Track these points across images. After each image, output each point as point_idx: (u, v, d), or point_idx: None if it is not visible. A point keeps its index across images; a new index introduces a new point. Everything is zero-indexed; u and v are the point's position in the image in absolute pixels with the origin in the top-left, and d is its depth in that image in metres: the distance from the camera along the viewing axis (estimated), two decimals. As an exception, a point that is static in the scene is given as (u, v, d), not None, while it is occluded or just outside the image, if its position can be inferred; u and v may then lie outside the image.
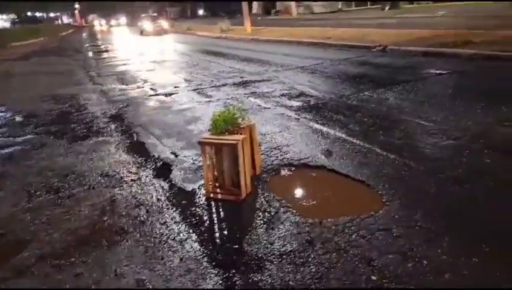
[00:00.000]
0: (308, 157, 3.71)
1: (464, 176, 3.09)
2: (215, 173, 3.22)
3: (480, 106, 4.68)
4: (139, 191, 3.38)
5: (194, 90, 7.55)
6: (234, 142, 2.98)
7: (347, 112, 5.06)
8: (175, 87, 7.99)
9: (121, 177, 3.71)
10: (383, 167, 3.36)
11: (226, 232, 2.66)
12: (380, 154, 3.61)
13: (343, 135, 4.21)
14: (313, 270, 2.16)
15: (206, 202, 3.07)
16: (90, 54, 17.55)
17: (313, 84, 6.96)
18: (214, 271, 2.24)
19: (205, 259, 2.36)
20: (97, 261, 2.44)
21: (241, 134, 3.15)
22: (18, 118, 6.52)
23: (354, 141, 4.02)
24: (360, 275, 2.09)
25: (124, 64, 12.45)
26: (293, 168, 3.55)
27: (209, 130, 3.30)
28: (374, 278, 2.06)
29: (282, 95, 6.34)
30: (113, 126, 5.55)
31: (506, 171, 3.10)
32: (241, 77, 8.41)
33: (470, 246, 2.26)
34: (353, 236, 2.44)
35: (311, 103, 5.70)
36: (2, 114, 6.93)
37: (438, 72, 6.93)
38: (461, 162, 3.32)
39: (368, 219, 2.60)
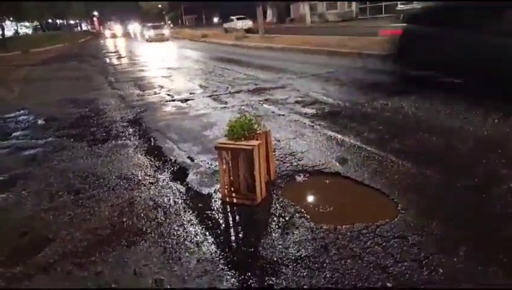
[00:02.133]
0: (322, 164, 3.74)
1: (481, 184, 3.07)
2: (231, 177, 3.28)
3: (497, 114, 4.64)
4: (157, 194, 3.46)
5: (209, 96, 7.66)
6: (250, 147, 3.03)
7: (362, 120, 5.07)
8: (191, 93, 8.12)
9: (139, 180, 3.80)
10: (398, 175, 3.36)
11: (241, 236, 2.71)
12: (395, 162, 3.62)
13: (358, 143, 4.23)
14: (327, 275, 2.19)
15: (221, 206, 3.13)
16: (108, 60, 17.96)
17: (327, 91, 6.99)
18: (230, 273, 2.29)
19: (221, 261, 2.41)
20: (117, 261, 2.51)
21: (256, 140, 3.21)
22: (39, 121, 6.72)
23: (369, 148, 4.03)
24: (375, 281, 2.11)
25: (141, 71, 12.71)
26: (307, 175, 3.59)
27: (225, 136, 3.37)
28: (389, 285, 2.07)
29: (297, 102, 6.38)
30: (131, 130, 5.68)
31: (524, 182, 3.07)
32: (256, 84, 8.50)
33: (487, 255, 2.25)
34: (368, 243, 2.45)
35: (326, 110, 5.73)
36: (25, 117, 7.16)
37: (452, 81, 6.88)
38: (478, 171, 3.30)
39: (383, 227, 2.61)
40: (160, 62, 14.76)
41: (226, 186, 3.25)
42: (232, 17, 33.89)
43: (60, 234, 2.89)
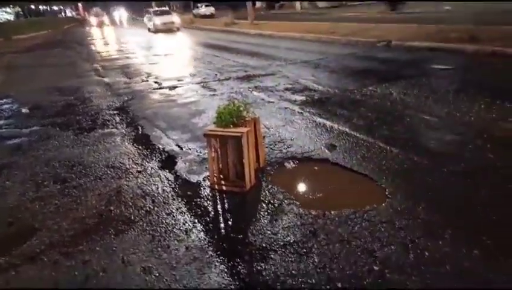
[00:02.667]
0: (311, 151, 3.75)
1: (467, 170, 3.11)
2: (220, 165, 3.26)
3: (484, 102, 4.69)
4: (145, 182, 3.43)
5: (198, 83, 7.57)
6: (239, 134, 3.01)
7: (351, 107, 5.08)
8: (179, 80, 8.02)
9: (127, 169, 3.76)
10: (386, 161, 3.39)
11: (230, 223, 2.71)
12: (384, 149, 3.64)
13: (347, 129, 4.24)
14: (316, 260, 2.21)
15: (210, 193, 3.12)
16: (93, 47, 17.58)
17: (317, 78, 6.97)
18: (219, 260, 2.29)
19: (210, 248, 2.41)
20: (104, 249, 2.49)
21: (245, 127, 3.18)
22: (24, 110, 6.57)
23: (358, 135, 4.05)
24: (363, 265, 2.14)
25: (127, 58, 12.48)
26: (296, 162, 3.59)
27: (214, 123, 3.33)
28: (376, 268, 2.10)
29: (286, 89, 6.35)
30: (118, 118, 5.60)
31: (509, 166, 3.12)
32: (245, 71, 8.43)
33: (471, 238, 2.30)
34: (356, 228, 2.48)
35: (315, 97, 5.72)
36: (8, 106, 6.99)
37: (442, 67, 6.92)
38: (464, 157, 3.34)
39: (371, 212, 2.63)
40: (148, 50, 14.50)
41: (215, 174, 3.23)
42: (198, 4, 38.07)
43: (46, 224, 2.85)
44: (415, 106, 4.87)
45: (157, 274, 2.22)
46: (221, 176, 3.28)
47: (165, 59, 11.47)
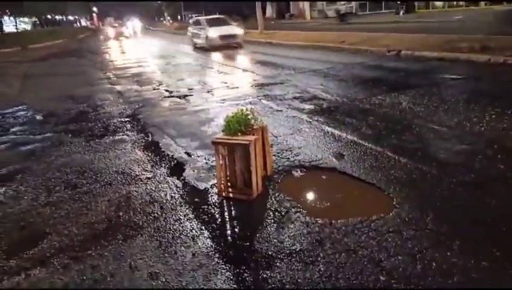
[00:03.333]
0: (319, 160, 3.75)
1: (477, 181, 3.08)
2: (228, 172, 3.28)
3: (495, 112, 4.64)
4: (154, 189, 3.47)
5: (207, 92, 7.66)
6: (247, 142, 3.04)
7: (359, 116, 5.08)
8: (189, 89, 8.12)
9: (136, 175, 3.81)
10: (394, 171, 3.37)
11: (237, 230, 2.72)
12: (392, 158, 3.63)
13: (355, 138, 4.23)
14: (322, 269, 2.20)
15: (218, 201, 3.14)
16: (107, 56, 17.92)
17: (326, 87, 6.99)
18: (225, 267, 2.30)
19: (217, 255, 2.43)
20: (113, 254, 2.53)
21: (253, 135, 3.21)
22: (38, 117, 6.72)
23: (366, 144, 4.04)
24: (369, 275, 2.12)
25: (139, 66, 12.70)
26: (304, 170, 3.59)
27: (222, 131, 3.37)
28: (382, 278, 2.09)
29: (295, 98, 6.39)
30: (129, 126, 5.69)
31: (520, 177, 3.08)
32: (254, 80, 8.50)
33: (480, 250, 2.27)
34: (363, 237, 2.47)
35: (324, 106, 5.74)
36: (23, 113, 7.16)
37: (451, 77, 6.88)
38: (474, 168, 3.31)
39: (378, 221, 2.62)
40: (158, 59, 14.72)
41: (223, 181, 3.26)
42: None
43: (57, 228, 2.90)
44: (424, 115, 4.84)
45: (164, 280, 2.24)
46: (228, 183, 3.30)
47: (175, 68, 11.62)
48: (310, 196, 3.17)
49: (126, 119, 6.04)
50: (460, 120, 4.52)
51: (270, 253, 2.40)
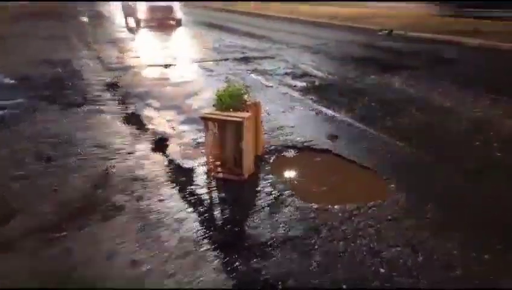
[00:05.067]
0: (312, 140, 3.57)
1: (474, 168, 2.99)
2: (218, 151, 3.07)
3: (488, 97, 4.56)
4: (135, 165, 3.22)
5: (193, 63, 7.30)
6: (240, 119, 2.81)
7: (352, 95, 4.91)
8: (173, 58, 7.72)
9: (116, 149, 3.54)
10: (390, 154, 3.24)
11: (227, 214, 2.53)
12: (387, 141, 3.49)
13: (349, 119, 4.07)
14: (318, 259, 2.06)
15: (206, 181, 2.94)
16: (85, 19, 16.93)
17: (317, 64, 6.76)
18: (214, 254, 2.13)
19: (205, 241, 2.24)
20: (90, 237, 2.31)
21: (246, 111, 2.98)
22: (9, 81, 6.22)
23: (361, 125, 3.89)
24: (369, 266, 2.00)
25: (121, 32, 12.03)
26: (297, 151, 3.42)
27: (213, 106, 3.12)
28: (382, 270, 1.97)
29: (286, 73, 6.14)
30: (108, 95, 5.33)
31: (518, 166, 3.01)
32: (243, 53, 8.16)
33: (480, 241, 2.17)
34: (361, 225, 2.33)
35: (316, 83, 5.53)
36: (-8, 76, 6.62)
37: (445, 58, 6.76)
38: (471, 154, 3.21)
39: (376, 208, 2.49)
40: (140, 24, 13.99)
41: (212, 160, 3.05)
42: None
43: (27, 206, 2.64)
44: (419, 98, 4.71)
45: (147, 268, 2.05)
46: (218, 162, 3.09)
47: (158, 36, 11.07)
48: (304, 178, 3.01)
49: (105, 88, 5.66)
50: (454, 104, 4.41)
51: (263, 240, 2.23)
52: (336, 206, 2.52)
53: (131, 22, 14.02)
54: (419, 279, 1.91)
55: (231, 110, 2.95)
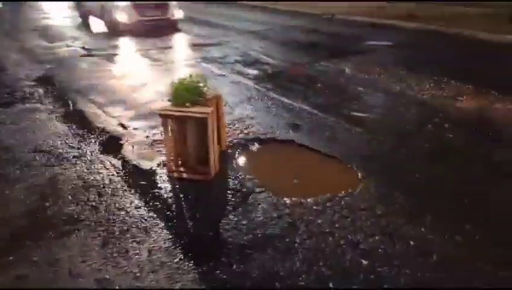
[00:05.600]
0: (275, 132, 3.50)
1: (431, 150, 3.13)
2: (178, 149, 2.87)
3: (433, 80, 4.83)
4: (86, 170, 2.91)
5: (136, 51, 6.82)
6: (203, 115, 2.64)
7: (306, 82, 4.91)
8: (113, 47, 7.15)
9: (60, 153, 3.17)
10: (352, 141, 3.28)
11: (198, 218, 2.37)
12: (347, 128, 3.53)
13: (307, 107, 4.06)
14: (301, 257, 2.00)
15: (169, 183, 2.73)
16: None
17: (267, 50, 6.68)
18: (191, 264, 1.97)
19: (179, 250, 2.08)
20: (45, 259, 2.02)
21: (206, 105, 2.80)
22: None
23: (319, 113, 3.89)
24: (350, 259, 1.98)
25: (46, 19, 10.89)
26: (260, 143, 3.32)
27: (168, 100, 2.89)
28: (364, 262, 1.96)
29: (237, 61, 5.97)
30: (41, 91, 4.78)
31: (468, 146, 3.21)
32: (189, 40, 7.81)
33: (451, 224, 2.26)
34: (336, 217, 2.32)
35: (269, 71, 5.45)
36: None
37: (385, 43, 7.05)
38: (426, 137, 3.36)
39: (348, 198, 2.49)
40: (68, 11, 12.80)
41: (173, 160, 2.84)
42: None
43: (-41, 229, 2.25)
44: (370, 83, 4.84)
45: (118, 287, 1.84)
46: (179, 162, 2.90)
47: (93, 24, 10.20)
48: (272, 172, 2.93)
49: (36, 83, 5.07)
50: (403, 88, 4.61)
51: (241, 242, 2.12)
52: (309, 199, 2.48)
53: (97, 26, 9.35)
54: (401, 268, 1.94)
55: (188, 104, 2.74)
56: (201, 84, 2.88)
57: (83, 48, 7.11)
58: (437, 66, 5.48)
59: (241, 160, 3.04)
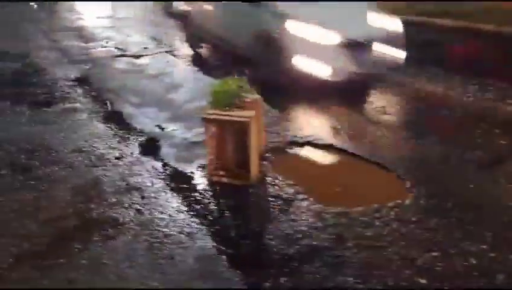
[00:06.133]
0: (312, 135, 3.40)
1: (482, 156, 2.97)
2: (219, 153, 2.83)
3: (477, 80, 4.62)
4: (127, 172, 2.93)
5: (167, 52, 6.87)
6: (245, 119, 2.60)
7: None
8: (144, 47, 7.23)
9: (102, 154, 3.21)
10: (395, 147, 3.16)
11: (241, 224, 2.33)
12: (387, 132, 3.41)
13: (345, 110, 3.95)
14: (352, 272, 1.92)
15: (210, 187, 2.71)
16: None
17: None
18: (239, 274, 1.93)
19: (224, 258, 2.04)
20: (92, 262, 2.03)
21: (246, 109, 2.76)
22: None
23: (358, 116, 3.78)
24: (407, 278, 1.87)
25: (80, 20, 11.18)
26: (298, 147, 3.25)
27: (209, 103, 2.86)
28: (422, 281, 1.86)
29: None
30: (80, 91, 4.87)
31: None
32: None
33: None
34: (386, 230, 2.21)
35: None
36: None
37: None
38: (475, 141, 3.20)
39: (397, 209, 2.38)
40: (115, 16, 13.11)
41: (213, 163, 2.81)
42: None
43: (10, 228, 2.30)
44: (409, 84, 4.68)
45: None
46: (219, 165, 2.86)
47: (120, 21, 10.37)
48: (313, 178, 2.85)
49: (74, 83, 5.18)
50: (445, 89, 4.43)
51: (287, 252, 2.06)
52: (354, 209, 2.39)
53: None
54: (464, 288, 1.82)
55: (229, 108, 2.70)
56: (241, 87, 2.85)
57: (117, 48, 7.24)
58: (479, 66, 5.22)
59: (279, 164, 2.97)
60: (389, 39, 4.28)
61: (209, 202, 2.54)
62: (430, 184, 2.64)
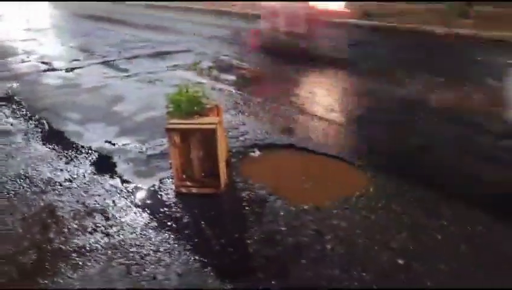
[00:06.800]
0: (272, 137, 3.47)
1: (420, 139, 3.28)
2: (183, 163, 2.75)
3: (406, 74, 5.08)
4: (84, 194, 2.71)
5: (101, 63, 6.50)
6: (212, 126, 2.56)
7: (290, 87, 4.95)
8: (74, 60, 6.76)
9: (50, 178, 2.93)
10: (348, 140, 3.35)
11: (219, 233, 2.28)
12: (340, 128, 3.60)
13: (295, 110, 4.08)
14: (337, 264, 1.99)
15: (178, 199, 2.61)
16: None
17: (238, 55, 6.64)
18: (228, 283, 1.90)
19: (210, 269, 1.99)
20: (66, 296, 1.85)
21: (208, 116, 2.73)
22: None
23: (312, 115, 3.93)
24: (387, 261, 1.99)
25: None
26: (259, 150, 3.28)
27: (167, 113, 2.77)
28: (400, 261, 1.99)
29: (211, 67, 5.87)
30: (7, 111, 4.40)
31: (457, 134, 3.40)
32: (153, 47, 7.58)
33: (468, 211, 2.36)
34: (357, 219, 2.34)
35: (247, 76, 5.42)
36: None
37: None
38: (412, 126, 3.52)
39: (362, 198, 2.53)
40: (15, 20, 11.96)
41: (179, 174, 2.73)
42: None
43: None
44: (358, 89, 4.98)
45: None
46: (184, 176, 2.78)
47: (43, 34, 9.59)
48: (280, 178, 2.89)
49: (1, 103, 4.66)
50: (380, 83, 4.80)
51: (272, 255, 2.07)
52: (325, 203, 2.49)
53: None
54: (435, 263, 1.97)
55: (195, 116, 2.65)
56: (200, 94, 2.80)
57: (42, 62, 6.66)
58: (409, 63, 5.76)
59: (245, 168, 2.98)
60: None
61: (182, 215, 2.45)
62: (389, 171, 2.83)
